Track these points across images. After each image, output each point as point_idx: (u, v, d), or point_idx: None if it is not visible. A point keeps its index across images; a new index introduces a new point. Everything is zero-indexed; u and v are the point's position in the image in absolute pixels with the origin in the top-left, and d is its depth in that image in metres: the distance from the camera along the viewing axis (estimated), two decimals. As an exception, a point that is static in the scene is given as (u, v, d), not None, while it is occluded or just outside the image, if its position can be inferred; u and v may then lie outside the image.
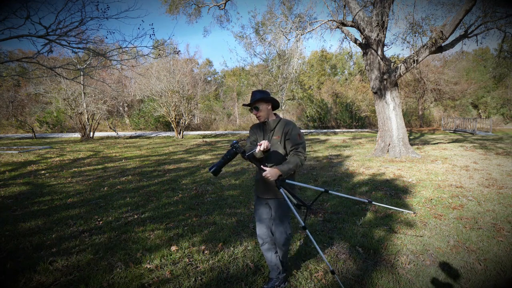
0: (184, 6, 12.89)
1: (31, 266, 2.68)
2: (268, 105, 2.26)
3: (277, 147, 2.20)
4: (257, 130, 2.35)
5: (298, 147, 2.16)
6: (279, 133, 2.21)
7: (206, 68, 38.43)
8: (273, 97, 2.26)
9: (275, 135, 2.22)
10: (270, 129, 2.25)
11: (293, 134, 2.18)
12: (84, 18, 7.39)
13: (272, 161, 2.19)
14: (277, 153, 2.20)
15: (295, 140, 2.17)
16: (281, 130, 2.21)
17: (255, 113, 2.25)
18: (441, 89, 23.12)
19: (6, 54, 12.08)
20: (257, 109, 2.22)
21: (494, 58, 21.82)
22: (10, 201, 4.77)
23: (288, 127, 2.21)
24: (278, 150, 2.20)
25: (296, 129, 2.22)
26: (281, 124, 2.25)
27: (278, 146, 2.20)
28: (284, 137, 2.19)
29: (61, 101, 17.41)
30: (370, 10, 9.08)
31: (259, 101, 2.22)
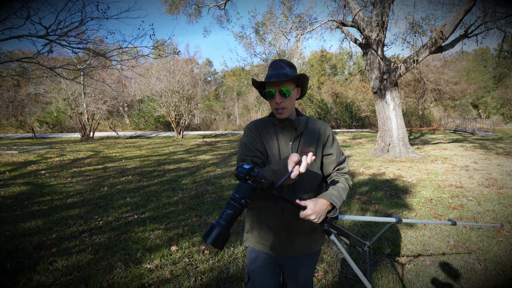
0: (184, 6, 12.89)
1: (31, 266, 2.68)
2: (298, 91, 1.37)
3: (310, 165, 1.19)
4: (267, 133, 1.35)
5: (344, 166, 1.39)
6: (312, 142, 1.33)
7: (206, 68, 38.44)
8: (307, 76, 1.35)
9: (306, 145, 1.32)
10: (297, 133, 1.32)
11: (335, 144, 1.38)
12: (84, 18, 7.40)
13: (304, 189, 1.31)
14: (311, 175, 1.32)
15: (339, 155, 1.38)
16: (316, 137, 1.34)
17: (276, 103, 1.27)
18: (441, 89, 23.13)
19: (6, 54, 12.10)
20: (285, 95, 1.26)
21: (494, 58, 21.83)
22: (10, 201, 4.77)
23: (326, 132, 1.37)
24: (313, 169, 1.33)
25: (335, 138, 1.42)
26: (313, 125, 1.37)
27: (312, 164, 1.22)
28: (321, 148, 1.35)
29: (61, 101, 17.40)
30: (370, 10, 9.08)
31: (290, 81, 1.28)
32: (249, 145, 1.32)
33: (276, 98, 1.26)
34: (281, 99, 1.26)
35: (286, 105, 1.28)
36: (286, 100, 1.27)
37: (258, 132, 1.35)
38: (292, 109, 1.33)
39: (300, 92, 1.39)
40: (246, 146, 1.33)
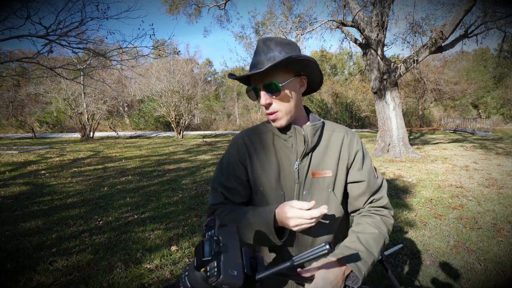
0: (184, 6, 12.89)
1: (31, 266, 2.68)
2: (301, 82, 0.90)
3: (323, 195, 0.91)
4: (262, 149, 0.96)
5: (381, 197, 0.95)
6: (330, 162, 0.92)
7: (206, 68, 38.44)
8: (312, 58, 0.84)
9: (320, 167, 0.92)
10: (305, 149, 0.90)
11: (366, 164, 0.95)
12: (84, 19, 7.40)
13: (317, 232, 0.91)
14: (327, 217, 0.91)
15: (372, 180, 0.94)
16: (337, 154, 0.93)
17: (264, 104, 0.85)
18: (441, 89, 23.13)
19: (6, 54, 12.10)
20: (272, 91, 0.83)
21: (494, 58, 21.84)
22: (10, 201, 4.76)
23: (353, 146, 0.95)
24: (330, 203, 0.91)
25: (367, 153, 0.99)
26: (332, 136, 0.95)
27: (327, 195, 0.91)
28: (345, 172, 0.93)
29: (61, 101, 17.40)
30: (370, 10, 9.08)
31: (281, 68, 0.83)
32: (228, 169, 0.96)
33: (261, 97, 0.83)
34: (269, 98, 0.83)
35: (279, 106, 0.83)
36: (278, 99, 0.83)
37: (247, 151, 0.95)
38: (292, 111, 0.86)
39: (307, 82, 0.92)
40: (224, 169, 0.97)
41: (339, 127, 0.98)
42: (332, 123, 1.00)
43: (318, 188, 0.90)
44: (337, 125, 0.99)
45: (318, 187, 0.90)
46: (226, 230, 0.62)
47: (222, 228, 0.62)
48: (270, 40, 0.85)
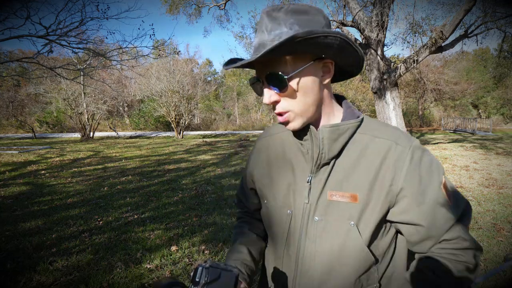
0: (184, 6, 12.88)
1: (31, 266, 2.68)
2: (325, 68, 0.63)
3: (342, 227, 0.63)
4: (273, 153, 0.76)
5: (457, 235, 0.61)
6: (360, 182, 0.63)
7: (206, 68, 38.44)
8: (337, 33, 0.55)
9: (341, 186, 0.64)
10: (320, 159, 0.64)
11: (430, 196, 0.60)
12: (84, 19, 7.40)
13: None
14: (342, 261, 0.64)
15: (441, 220, 0.60)
16: (373, 174, 0.62)
17: (266, 102, 0.61)
18: (441, 89, 23.13)
19: (6, 54, 12.10)
20: (278, 84, 0.59)
21: (494, 58, 21.85)
22: (10, 201, 4.76)
23: (408, 166, 0.61)
24: (348, 242, 0.63)
25: (435, 175, 0.62)
26: (369, 142, 0.65)
27: (346, 228, 0.63)
28: (383, 202, 0.62)
29: (61, 101, 17.40)
30: (370, 10, 9.09)
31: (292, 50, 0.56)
32: (245, 180, 0.86)
33: (264, 94, 0.62)
34: (274, 94, 0.61)
35: (289, 104, 0.61)
36: (286, 95, 0.60)
37: (258, 155, 0.80)
38: (309, 109, 0.62)
39: (336, 66, 0.66)
40: (243, 178, 0.87)
41: (388, 131, 0.65)
42: (380, 124, 0.67)
43: (337, 216, 0.63)
44: (387, 128, 0.66)
45: (336, 215, 0.63)
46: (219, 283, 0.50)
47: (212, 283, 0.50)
48: (278, 9, 0.59)
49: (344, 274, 0.64)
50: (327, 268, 0.64)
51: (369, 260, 0.63)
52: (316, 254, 0.65)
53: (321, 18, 0.61)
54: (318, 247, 0.65)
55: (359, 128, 0.66)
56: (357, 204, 0.62)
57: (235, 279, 0.51)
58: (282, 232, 0.70)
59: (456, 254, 0.61)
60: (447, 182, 0.63)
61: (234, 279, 0.51)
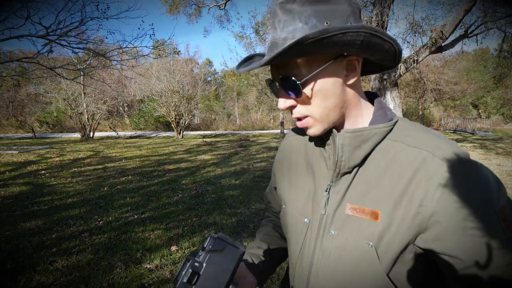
0: (184, 6, 12.89)
1: (31, 266, 2.68)
2: (349, 66, 0.55)
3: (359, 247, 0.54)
4: (296, 156, 0.71)
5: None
6: (384, 198, 0.53)
7: (206, 68, 38.45)
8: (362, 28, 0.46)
9: (364, 201, 0.55)
10: (339, 167, 0.58)
11: (472, 224, 0.46)
12: (84, 18, 7.39)
13: None
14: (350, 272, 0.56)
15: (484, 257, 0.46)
16: (400, 189, 0.52)
17: (282, 108, 0.57)
18: (441, 89, 23.14)
19: (6, 54, 12.09)
20: (292, 89, 0.53)
21: (494, 58, 21.84)
22: (10, 201, 4.77)
23: (445, 183, 0.48)
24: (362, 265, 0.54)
25: (491, 191, 0.48)
26: (399, 152, 0.54)
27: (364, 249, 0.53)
28: (410, 225, 0.50)
29: (61, 101, 17.41)
30: (370, 10, 9.08)
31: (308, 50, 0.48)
32: (271, 179, 0.83)
33: (279, 99, 0.57)
34: (289, 99, 0.56)
35: (306, 109, 0.56)
36: (303, 99, 0.55)
37: (284, 155, 0.76)
38: (330, 114, 0.56)
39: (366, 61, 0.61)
40: (271, 178, 0.84)
41: (426, 139, 0.54)
42: (418, 130, 0.57)
43: (354, 234, 0.55)
44: (426, 135, 0.55)
45: (354, 232, 0.55)
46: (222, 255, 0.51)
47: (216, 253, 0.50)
48: (293, 0, 0.51)
49: None
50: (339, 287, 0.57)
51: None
52: (329, 272, 0.57)
53: (345, 6, 0.51)
54: (332, 264, 0.57)
55: (389, 134, 0.57)
56: (378, 223, 0.53)
57: (239, 256, 0.51)
58: (297, 241, 0.64)
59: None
60: (509, 207, 0.48)
61: (238, 255, 0.51)
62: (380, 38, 0.51)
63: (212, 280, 0.48)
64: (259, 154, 9.79)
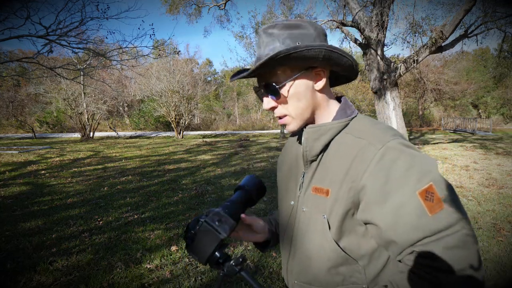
0: (184, 6, 12.89)
1: (31, 266, 2.68)
2: (316, 76, 0.71)
3: (318, 220, 0.69)
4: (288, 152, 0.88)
5: (428, 250, 0.56)
6: (334, 178, 0.67)
7: (206, 68, 38.43)
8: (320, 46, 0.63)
9: (323, 182, 0.69)
10: (306, 157, 0.73)
11: (396, 198, 0.58)
12: (84, 18, 7.39)
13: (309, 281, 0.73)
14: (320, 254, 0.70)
15: (404, 225, 0.58)
16: (344, 170, 0.65)
17: (266, 108, 0.73)
18: (441, 89, 23.13)
19: (6, 54, 12.09)
20: (273, 93, 0.70)
21: (494, 58, 21.84)
22: (10, 201, 4.76)
23: (377, 162, 0.61)
24: (319, 233, 0.69)
25: (417, 175, 0.58)
26: (347, 141, 0.68)
27: (321, 221, 0.69)
28: (348, 198, 0.64)
29: (61, 101, 17.41)
30: (370, 10, 9.08)
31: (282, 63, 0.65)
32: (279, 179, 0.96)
33: (264, 101, 0.72)
34: (271, 101, 0.71)
35: (285, 109, 0.71)
36: (280, 102, 0.70)
37: (282, 154, 0.93)
38: (304, 113, 0.70)
39: (331, 72, 0.74)
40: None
41: (369, 132, 0.66)
42: (369, 125, 0.69)
43: (316, 209, 0.70)
44: (371, 129, 0.67)
45: (315, 207, 0.70)
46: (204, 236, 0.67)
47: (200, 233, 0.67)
48: (273, 26, 0.68)
49: (319, 261, 0.71)
50: (309, 255, 0.72)
51: (340, 255, 0.67)
52: (303, 241, 0.73)
53: (311, 31, 0.69)
54: (305, 234, 0.73)
55: (346, 128, 0.71)
56: (328, 198, 0.67)
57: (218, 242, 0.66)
58: (286, 221, 0.80)
59: (422, 272, 0.56)
60: (439, 191, 0.57)
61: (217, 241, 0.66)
62: (338, 54, 0.66)
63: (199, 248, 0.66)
64: (259, 154, 9.79)
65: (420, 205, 0.57)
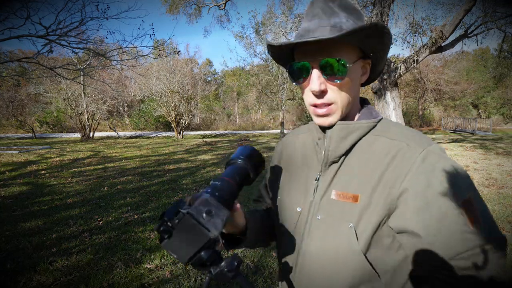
0: (184, 6, 12.88)
1: (31, 266, 2.68)
2: (364, 68, 0.66)
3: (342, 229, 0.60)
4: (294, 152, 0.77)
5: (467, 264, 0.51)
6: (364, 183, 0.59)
7: (206, 68, 38.44)
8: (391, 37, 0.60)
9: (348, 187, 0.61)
10: (327, 157, 0.64)
11: (436, 206, 0.52)
12: (84, 18, 7.39)
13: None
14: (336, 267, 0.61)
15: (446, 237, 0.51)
16: (378, 174, 0.58)
17: (316, 89, 0.58)
18: (441, 89, 23.13)
19: (6, 54, 12.08)
20: (333, 73, 0.58)
21: (494, 58, 21.84)
22: (10, 201, 4.76)
23: (417, 167, 0.55)
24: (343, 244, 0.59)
25: (460, 184, 0.54)
26: (378, 144, 0.62)
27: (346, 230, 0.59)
28: (384, 205, 0.57)
29: (61, 101, 17.41)
30: (370, 10, 9.08)
31: (348, 42, 0.58)
32: (266, 176, 0.86)
33: (313, 80, 0.59)
34: (324, 82, 0.59)
35: (336, 96, 0.60)
36: (337, 86, 0.59)
37: (281, 153, 0.81)
38: (349, 105, 0.63)
39: (371, 70, 0.68)
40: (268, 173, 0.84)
41: (404, 134, 0.61)
42: (398, 127, 0.65)
43: (338, 216, 0.61)
44: (404, 131, 0.63)
45: (337, 215, 0.61)
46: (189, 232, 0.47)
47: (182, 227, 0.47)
48: (332, 1, 0.61)
49: (339, 277, 0.60)
50: (324, 269, 0.62)
51: (366, 269, 0.58)
52: (315, 253, 0.63)
53: (362, 18, 0.64)
54: (318, 246, 0.63)
55: (373, 130, 0.65)
56: (358, 204, 0.59)
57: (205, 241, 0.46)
58: (290, 229, 0.70)
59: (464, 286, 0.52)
60: (477, 204, 0.53)
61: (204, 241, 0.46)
62: (387, 46, 0.63)
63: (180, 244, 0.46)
64: (259, 154, 9.78)
65: (463, 216, 0.52)
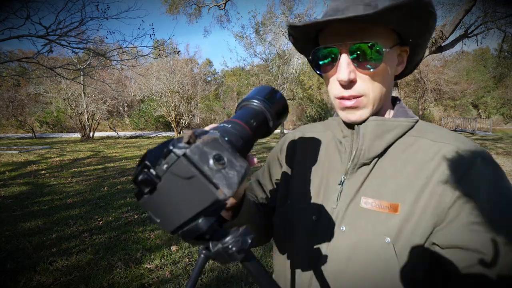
0: (184, 6, 12.90)
1: (31, 266, 2.68)
2: (400, 57, 0.56)
3: (374, 243, 0.49)
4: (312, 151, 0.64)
5: None
6: (404, 190, 0.50)
7: (206, 68, 38.45)
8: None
9: (380, 194, 0.52)
10: (357, 158, 0.54)
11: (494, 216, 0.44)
12: (84, 18, 7.40)
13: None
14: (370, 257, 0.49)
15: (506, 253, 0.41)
16: (422, 180, 0.49)
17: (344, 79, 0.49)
18: (441, 89, 23.14)
19: (6, 54, 12.10)
20: (365, 59, 0.49)
21: (494, 58, 21.85)
22: (10, 201, 4.76)
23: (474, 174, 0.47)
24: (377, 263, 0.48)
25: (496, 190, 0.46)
26: (419, 145, 0.53)
27: (379, 245, 0.49)
28: (431, 217, 0.47)
29: (61, 101, 17.41)
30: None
31: (383, 23, 0.48)
32: (262, 173, 0.75)
33: (341, 68, 0.50)
34: (354, 70, 0.50)
35: (367, 87, 0.51)
36: (370, 75, 0.51)
37: (293, 149, 0.68)
38: (382, 98, 0.54)
39: (408, 60, 0.58)
40: (262, 169, 0.76)
41: (449, 135, 0.54)
42: (439, 129, 0.57)
43: (369, 229, 0.50)
44: (447, 132, 0.55)
45: (369, 227, 0.51)
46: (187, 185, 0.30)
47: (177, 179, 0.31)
48: None
49: None
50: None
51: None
52: (340, 274, 0.51)
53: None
54: (340, 264, 0.51)
55: (411, 130, 0.56)
56: (398, 215, 0.49)
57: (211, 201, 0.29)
58: (302, 242, 0.57)
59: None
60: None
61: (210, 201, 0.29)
62: (430, 31, 0.52)
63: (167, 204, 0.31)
64: (259, 154, 9.78)
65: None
